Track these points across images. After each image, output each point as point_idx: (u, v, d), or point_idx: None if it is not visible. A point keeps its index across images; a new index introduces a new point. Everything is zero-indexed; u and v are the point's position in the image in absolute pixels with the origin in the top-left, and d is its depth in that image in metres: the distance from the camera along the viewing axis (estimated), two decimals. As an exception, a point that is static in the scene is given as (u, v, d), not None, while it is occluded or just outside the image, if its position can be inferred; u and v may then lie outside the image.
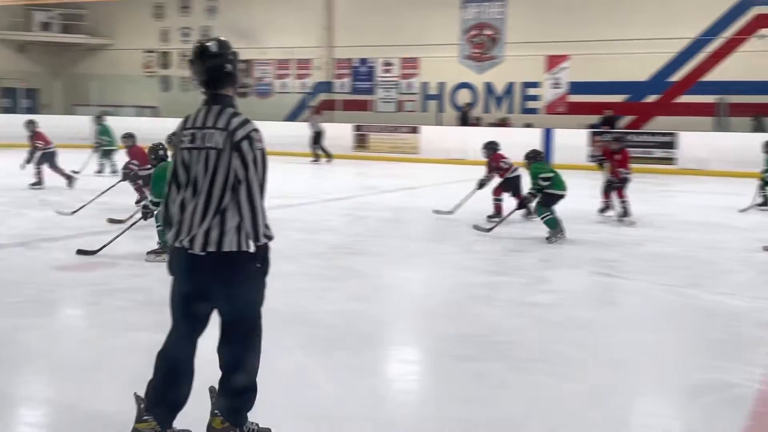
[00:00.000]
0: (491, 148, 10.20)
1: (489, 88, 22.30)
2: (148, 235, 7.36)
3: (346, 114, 23.61)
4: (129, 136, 10.48)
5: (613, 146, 10.39)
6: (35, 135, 12.41)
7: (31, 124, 12.65)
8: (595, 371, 4.29)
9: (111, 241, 7.00)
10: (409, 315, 5.58)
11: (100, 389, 3.80)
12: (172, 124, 18.01)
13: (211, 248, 2.93)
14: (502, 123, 20.96)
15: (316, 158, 19.77)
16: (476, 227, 8.92)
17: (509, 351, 4.61)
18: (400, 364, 4.53)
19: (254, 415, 3.17)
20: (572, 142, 18.52)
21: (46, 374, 4.12)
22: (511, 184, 9.95)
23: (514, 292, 6.21)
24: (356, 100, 24.06)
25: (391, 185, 14.66)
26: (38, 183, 12.32)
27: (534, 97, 21.76)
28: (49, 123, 14.31)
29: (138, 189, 9.88)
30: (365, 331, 4.90)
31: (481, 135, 13.16)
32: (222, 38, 3.09)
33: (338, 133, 22.53)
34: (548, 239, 8.26)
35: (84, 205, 9.44)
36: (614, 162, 10.16)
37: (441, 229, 9.34)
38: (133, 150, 10.10)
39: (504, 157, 10.05)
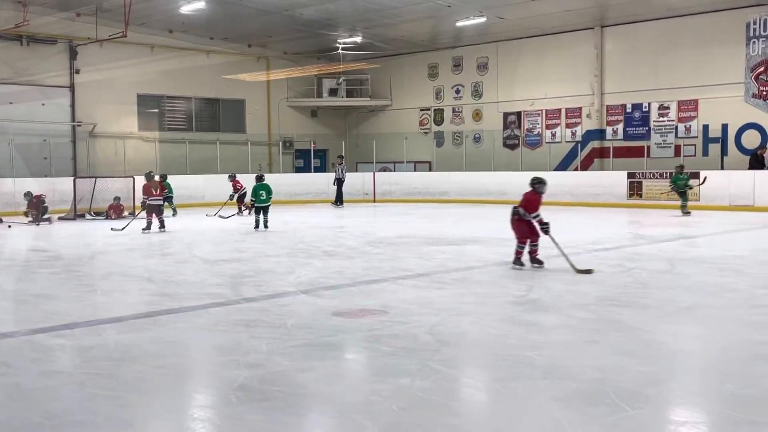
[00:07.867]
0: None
1: (781, 127, 20.46)
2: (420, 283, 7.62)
3: (620, 161, 22.87)
4: None
5: None
6: None
7: None
8: None
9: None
10: (680, 373, 5.21)
11: (363, 431, 4.02)
12: (444, 177, 18.79)
13: None
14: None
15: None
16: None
17: (796, 418, 4.13)
18: (668, 426, 4.24)
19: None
20: None
21: (316, 413, 4.43)
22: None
23: (806, 352, 5.56)
24: (629, 146, 23.20)
25: (667, 234, 13.87)
26: None
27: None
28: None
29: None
30: (629, 388, 4.66)
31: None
32: None
33: (611, 181, 22.00)
34: None
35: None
36: None
37: (720, 281, 8.65)
38: None
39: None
